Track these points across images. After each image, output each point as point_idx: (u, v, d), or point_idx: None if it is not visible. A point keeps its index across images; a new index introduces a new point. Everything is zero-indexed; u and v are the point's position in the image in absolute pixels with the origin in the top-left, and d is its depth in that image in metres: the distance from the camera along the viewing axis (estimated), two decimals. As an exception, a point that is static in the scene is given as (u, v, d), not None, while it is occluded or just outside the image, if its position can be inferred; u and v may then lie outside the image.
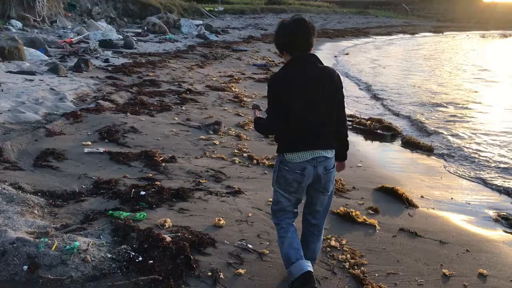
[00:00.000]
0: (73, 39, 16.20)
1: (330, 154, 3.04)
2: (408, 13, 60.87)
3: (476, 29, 47.82)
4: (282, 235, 3.11)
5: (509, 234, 4.66)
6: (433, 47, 28.84)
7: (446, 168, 6.89)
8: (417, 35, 39.88)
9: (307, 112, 2.93)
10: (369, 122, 8.83)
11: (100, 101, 8.27)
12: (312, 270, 2.95)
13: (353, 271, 3.48)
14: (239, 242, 3.71)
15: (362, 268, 3.55)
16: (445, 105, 11.47)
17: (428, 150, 7.64)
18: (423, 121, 9.62)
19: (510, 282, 3.61)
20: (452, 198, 5.59)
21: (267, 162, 5.90)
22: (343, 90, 3.09)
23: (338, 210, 4.50)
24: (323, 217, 3.27)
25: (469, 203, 5.50)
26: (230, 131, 7.34)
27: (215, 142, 6.64)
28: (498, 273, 3.71)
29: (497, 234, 4.65)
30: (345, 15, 48.75)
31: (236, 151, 6.35)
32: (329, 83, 2.98)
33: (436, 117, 10.12)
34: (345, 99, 3.14)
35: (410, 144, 7.88)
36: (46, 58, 12.47)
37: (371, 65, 19.23)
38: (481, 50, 28.28)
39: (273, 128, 3.08)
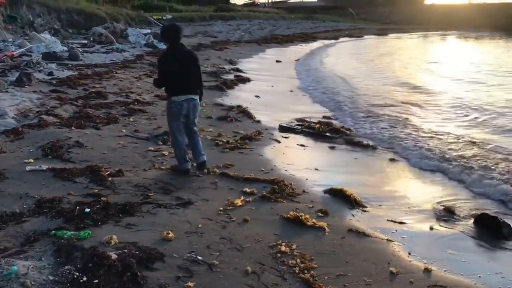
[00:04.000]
0: (14, 53, 15.56)
1: (195, 97, 5.69)
2: (354, 17, 62.36)
3: (418, 31, 49.68)
4: (175, 140, 5.76)
5: (450, 229, 4.82)
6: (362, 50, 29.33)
7: (391, 166, 7.08)
8: (363, 38, 40.98)
9: (179, 74, 5.53)
10: (318, 125, 8.97)
11: (44, 116, 7.97)
12: (190, 167, 5.75)
13: (303, 276, 3.51)
14: (188, 255, 3.66)
15: (312, 272, 3.58)
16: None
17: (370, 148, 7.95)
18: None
19: (453, 275, 3.74)
20: (397, 195, 5.75)
21: (217, 171, 5.86)
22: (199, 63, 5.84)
23: (288, 215, 4.52)
24: (196, 129, 5.94)
25: (411, 201, 5.65)
26: (180, 141, 7.23)
27: (164, 153, 6.54)
28: (441, 267, 3.85)
29: (440, 228, 4.82)
30: (293, 21, 49.40)
31: (186, 161, 6.27)
32: (190, 59, 5.70)
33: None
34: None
35: (352, 143, 8.11)
36: (-15, 73, 11.90)
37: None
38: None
39: (161, 84, 5.80)
